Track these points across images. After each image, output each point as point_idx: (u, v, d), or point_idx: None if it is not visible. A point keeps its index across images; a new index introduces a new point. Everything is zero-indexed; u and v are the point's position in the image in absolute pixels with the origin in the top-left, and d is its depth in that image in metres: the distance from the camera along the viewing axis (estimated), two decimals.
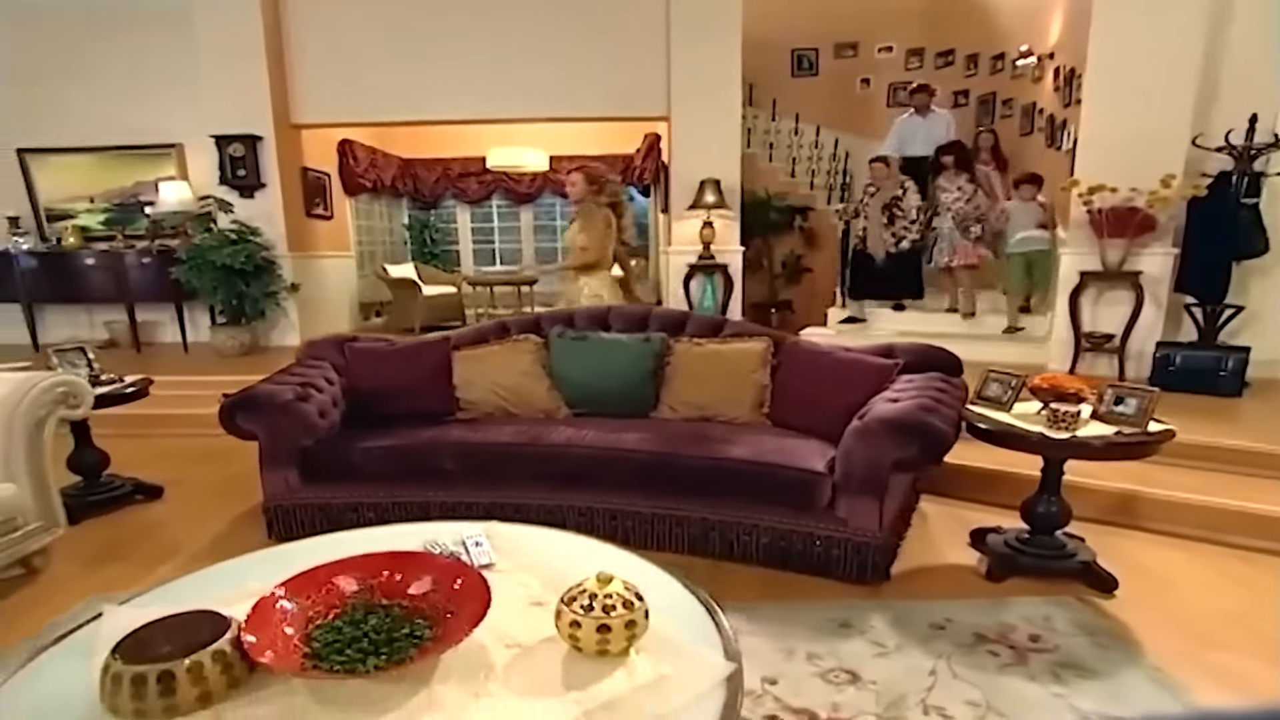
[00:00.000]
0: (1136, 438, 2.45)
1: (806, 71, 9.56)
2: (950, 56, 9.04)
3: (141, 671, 1.21)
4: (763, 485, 2.71)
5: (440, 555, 1.66)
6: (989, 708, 1.90)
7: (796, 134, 9.25)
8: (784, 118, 9.26)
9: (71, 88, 6.44)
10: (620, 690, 1.28)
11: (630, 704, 1.25)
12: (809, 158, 9.10)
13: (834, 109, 9.18)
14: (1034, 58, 7.55)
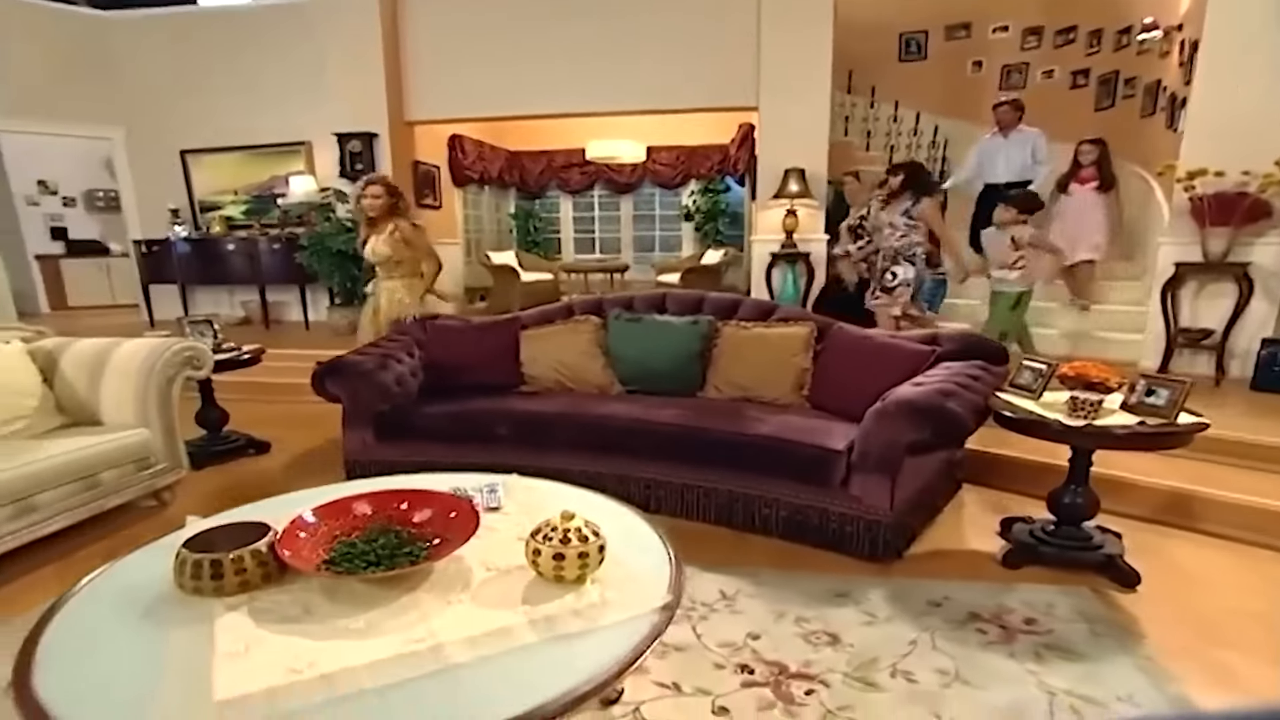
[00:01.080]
0: (1159, 428, 2.40)
1: (914, 55, 9.28)
2: (1071, 34, 8.53)
3: (199, 559, 1.55)
4: (782, 460, 2.84)
5: (451, 494, 1.92)
6: (956, 676, 1.98)
7: (895, 120, 9.04)
8: (883, 104, 9.06)
9: (222, 95, 7.26)
10: (563, 607, 1.50)
11: (566, 618, 1.47)
12: (907, 145, 8.88)
13: (941, 94, 8.88)
14: (1159, 31, 7.04)
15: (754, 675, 1.99)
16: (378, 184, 4.26)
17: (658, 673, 1.99)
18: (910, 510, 2.77)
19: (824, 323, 3.58)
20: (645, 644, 1.40)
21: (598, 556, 1.60)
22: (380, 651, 1.36)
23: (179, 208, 7.46)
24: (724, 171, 9.90)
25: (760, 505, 2.91)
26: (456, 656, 1.34)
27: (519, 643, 1.40)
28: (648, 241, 10.76)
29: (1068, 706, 1.85)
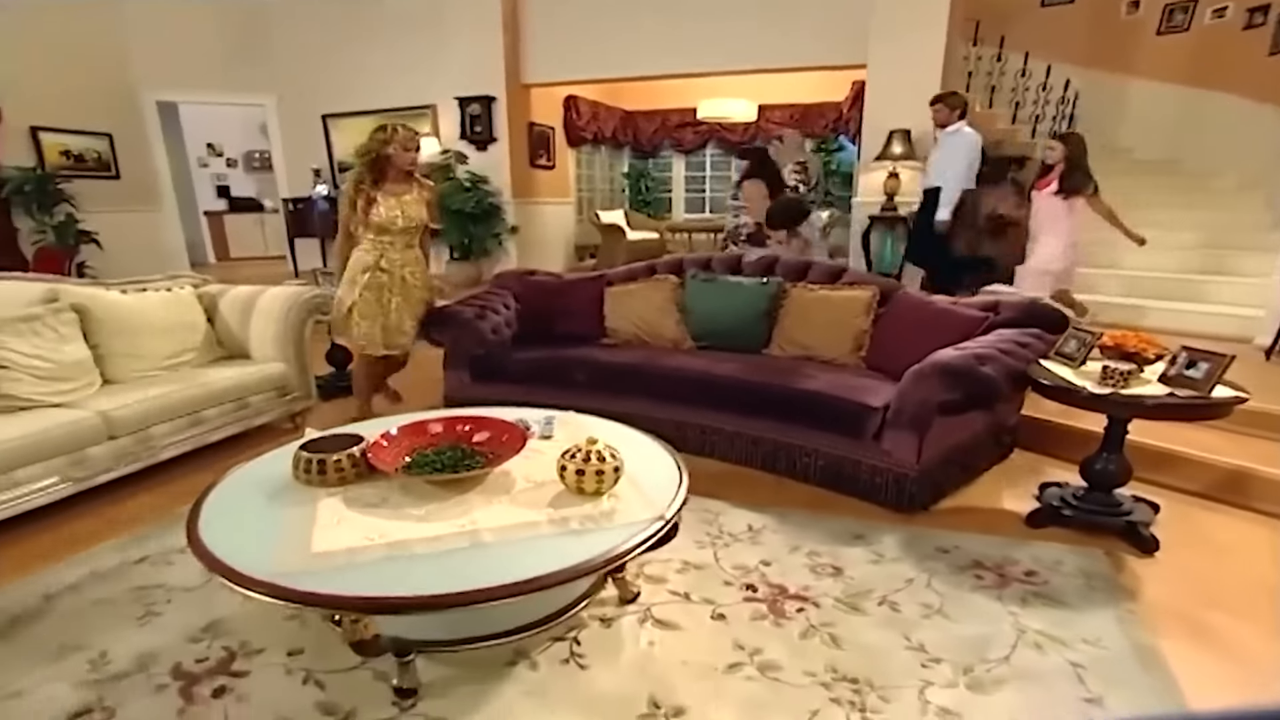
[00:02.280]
0: (1189, 400, 2.47)
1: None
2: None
3: (310, 458, 2.05)
4: (823, 414, 3.09)
5: (505, 421, 2.34)
6: (938, 610, 2.22)
7: (1024, 75, 8.58)
8: (1013, 56, 8.60)
9: (359, 63, 7.96)
10: (579, 512, 1.89)
11: (579, 519, 1.86)
12: (1034, 101, 8.43)
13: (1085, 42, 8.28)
14: None
15: (756, 593, 2.31)
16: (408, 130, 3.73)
17: (674, 584, 2.35)
18: (940, 467, 2.96)
19: (889, 287, 3.75)
20: (632, 546, 1.76)
21: (613, 476, 1.97)
22: (433, 531, 1.80)
23: (320, 168, 8.32)
24: (837, 130, 9.79)
25: (801, 454, 3.18)
26: (488, 538, 1.77)
27: (538, 534, 1.81)
28: None
29: (1032, 643, 2.06)
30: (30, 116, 6.97)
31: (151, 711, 1.79)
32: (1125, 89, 8.23)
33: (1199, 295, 5.58)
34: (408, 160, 3.67)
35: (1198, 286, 5.63)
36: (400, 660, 1.81)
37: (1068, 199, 4.97)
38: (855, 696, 1.84)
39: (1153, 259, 5.84)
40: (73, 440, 2.84)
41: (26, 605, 2.25)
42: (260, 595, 1.56)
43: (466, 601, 1.54)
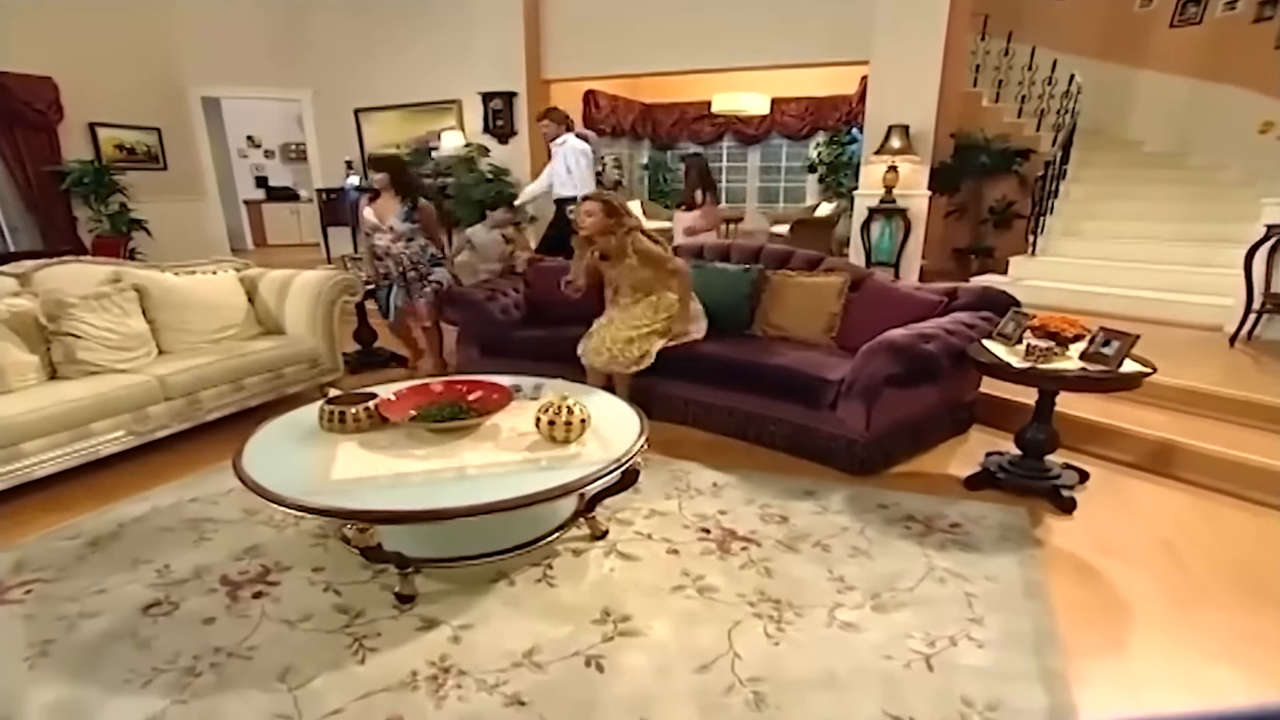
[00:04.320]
0: (1101, 374, 2.79)
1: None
2: None
3: (333, 410, 2.49)
4: (787, 387, 3.45)
5: (495, 383, 2.74)
6: (863, 552, 2.59)
7: (1031, 69, 8.74)
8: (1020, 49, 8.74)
9: (389, 59, 8.41)
10: (549, 455, 2.30)
11: (547, 459, 2.26)
12: (1040, 95, 8.60)
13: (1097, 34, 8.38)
14: None
15: (709, 535, 2.70)
16: (592, 200, 3.79)
17: (639, 526, 2.75)
18: (889, 435, 3.31)
19: (860, 274, 4.08)
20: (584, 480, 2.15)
21: (580, 427, 2.38)
22: (429, 466, 2.23)
23: (352, 160, 8.81)
24: (849, 123, 10.03)
25: (768, 423, 3.56)
26: (472, 473, 2.19)
27: (513, 471, 2.22)
28: (773, 193, 11.13)
29: (937, 578, 2.42)
30: (89, 113, 7.55)
31: (205, 606, 2.25)
32: (1136, 81, 8.34)
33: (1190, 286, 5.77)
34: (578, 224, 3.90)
35: (1188, 277, 5.82)
36: (401, 572, 2.24)
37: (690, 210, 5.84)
38: (775, 612, 2.22)
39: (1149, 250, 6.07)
40: (135, 400, 3.32)
41: (104, 530, 2.74)
42: (290, 510, 1.98)
43: (447, 515, 1.96)
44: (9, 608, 2.27)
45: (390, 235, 4.46)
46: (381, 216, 4.48)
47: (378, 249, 4.52)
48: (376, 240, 4.50)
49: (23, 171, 7.20)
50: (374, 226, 4.50)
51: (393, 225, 4.46)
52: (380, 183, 4.44)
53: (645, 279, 3.80)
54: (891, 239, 6.94)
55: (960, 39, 6.76)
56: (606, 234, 3.72)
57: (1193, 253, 6.00)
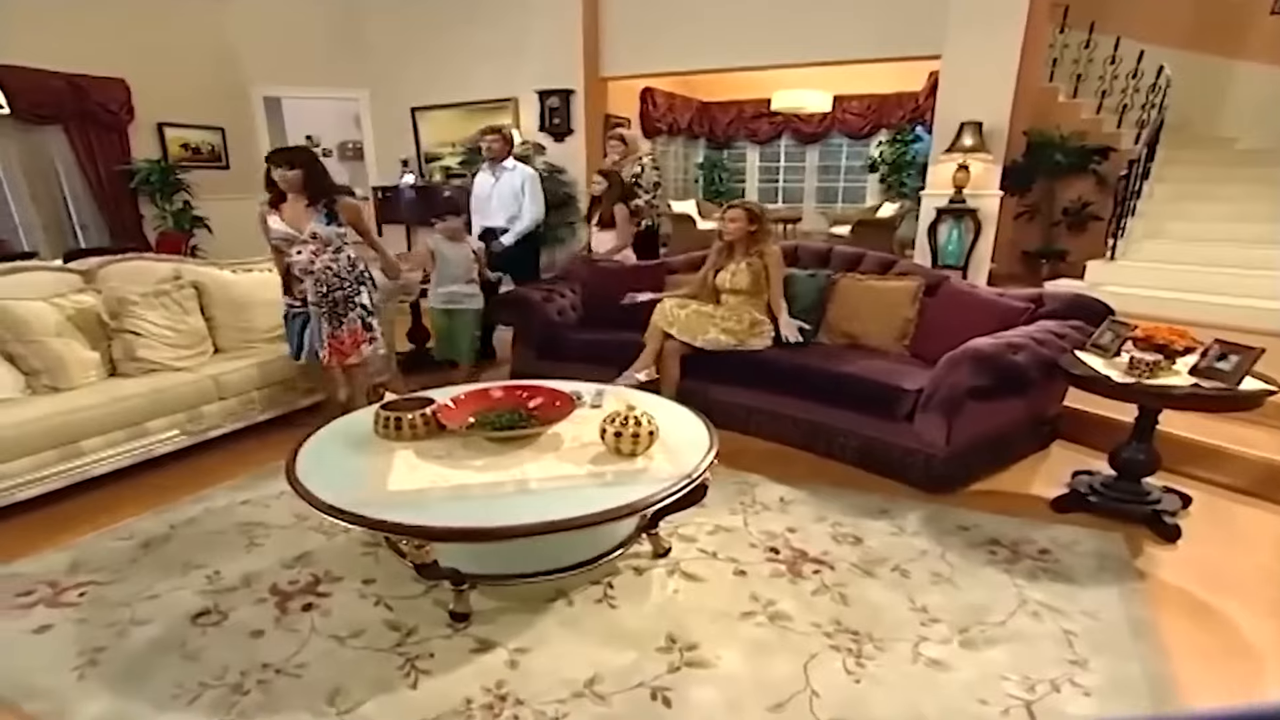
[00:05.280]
0: (1216, 391, 2.53)
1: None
2: None
3: (389, 416, 2.39)
4: (858, 396, 3.27)
5: (557, 390, 2.62)
6: (946, 579, 2.39)
7: (1114, 61, 8.28)
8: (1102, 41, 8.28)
9: (446, 58, 8.38)
10: (614, 469, 2.16)
11: (613, 475, 2.13)
12: (1122, 90, 8.15)
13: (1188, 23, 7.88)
14: None
15: (778, 555, 2.53)
16: (737, 208, 3.88)
17: (704, 543, 2.60)
18: (970, 451, 3.09)
19: (936, 278, 3.86)
20: (656, 499, 2.01)
21: (648, 439, 2.23)
22: (488, 479, 2.12)
23: (408, 158, 8.81)
24: (914, 121, 9.71)
25: (837, 435, 3.37)
26: (534, 486, 2.07)
27: (577, 484, 2.09)
28: (831, 193, 10.84)
29: (1030, 611, 2.21)
30: (158, 114, 7.70)
31: (255, 617, 2.17)
32: (1230, 73, 7.86)
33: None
34: (721, 230, 3.93)
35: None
36: (456, 589, 2.13)
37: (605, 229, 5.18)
38: (853, 645, 2.05)
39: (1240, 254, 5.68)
40: (191, 399, 3.31)
41: (157, 532, 2.70)
42: (345, 523, 1.88)
43: (512, 534, 1.83)
44: (64, 611, 2.22)
45: (312, 247, 3.42)
46: (296, 224, 3.41)
47: (296, 268, 3.46)
48: (294, 257, 3.43)
49: (95, 171, 7.38)
50: (287, 238, 3.41)
51: (316, 232, 3.41)
52: (291, 182, 3.36)
53: (751, 288, 3.79)
54: (960, 241, 6.65)
55: (1039, 31, 6.42)
56: (748, 239, 3.81)
57: None
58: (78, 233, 7.39)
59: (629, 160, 5.61)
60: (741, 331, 3.70)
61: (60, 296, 3.30)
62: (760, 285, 3.81)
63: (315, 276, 3.42)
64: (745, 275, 3.79)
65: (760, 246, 3.81)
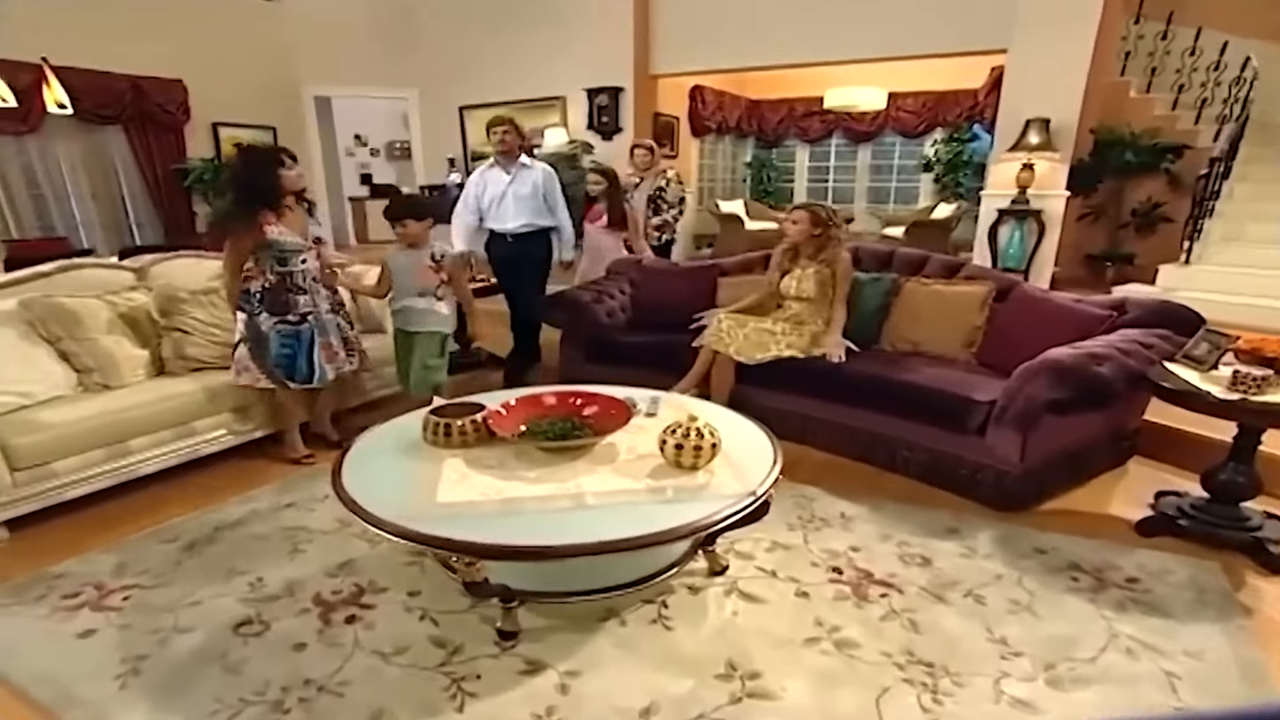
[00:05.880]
0: None
1: None
2: None
3: (438, 422, 2.30)
4: (926, 407, 3.09)
5: (613, 397, 2.50)
6: (1025, 607, 2.21)
7: (1193, 53, 7.84)
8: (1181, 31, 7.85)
9: (495, 56, 8.36)
10: (674, 484, 2.04)
11: (674, 490, 2.00)
12: (1202, 83, 7.72)
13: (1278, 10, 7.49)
14: None
15: (841, 576, 2.38)
16: (800, 209, 3.70)
17: (762, 561, 2.46)
18: (1045, 467, 2.89)
19: (1007, 283, 3.65)
20: (720, 518, 1.88)
21: (710, 452, 2.10)
22: (542, 491, 2.01)
23: (455, 157, 8.82)
24: (972, 119, 9.38)
25: (900, 447, 3.19)
26: (591, 501, 1.95)
27: (635, 500, 1.97)
28: (883, 193, 10.56)
29: (1123, 648, 2.03)
30: (212, 114, 7.83)
31: (297, 628, 2.10)
32: None
33: None
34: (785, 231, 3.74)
35: None
36: (505, 606, 2.03)
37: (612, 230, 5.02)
38: (928, 679, 1.89)
39: None
40: (237, 398, 3.27)
41: (201, 534, 2.66)
42: (392, 536, 1.79)
43: (568, 553, 1.73)
44: (108, 615, 2.18)
45: (315, 251, 3.24)
46: (300, 232, 3.18)
47: (298, 279, 3.16)
48: (297, 267, 3.15)
49: (152, 170, 7.52)
50: (296, 248, 3.14)
51: (319, 235, 3.29)
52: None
53: (818, 296, 3.62)
54: (1022, 244, 6.37)
55: (1113, 22, 6.10)
56: (814, 243, 3.64)
57: None
58: (134, 231, 7.55)
59: (652, 172, 5.49)
60: (804, 347, 3.54)
61: (113, 294, 3.30)
62: (828, 294, 3.64)
63: (315, 290, 3.23)
64: (812, 282, 3.63)
65: (830, 253, 3.63)
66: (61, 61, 6.07)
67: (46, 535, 2.67)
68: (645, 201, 5.45)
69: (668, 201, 5.47)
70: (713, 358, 3.59)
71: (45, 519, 2.73)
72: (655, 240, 5.50)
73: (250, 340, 3.13)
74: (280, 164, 3.09)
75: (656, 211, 5.47)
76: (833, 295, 3.63)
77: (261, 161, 3.11)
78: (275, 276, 3.11)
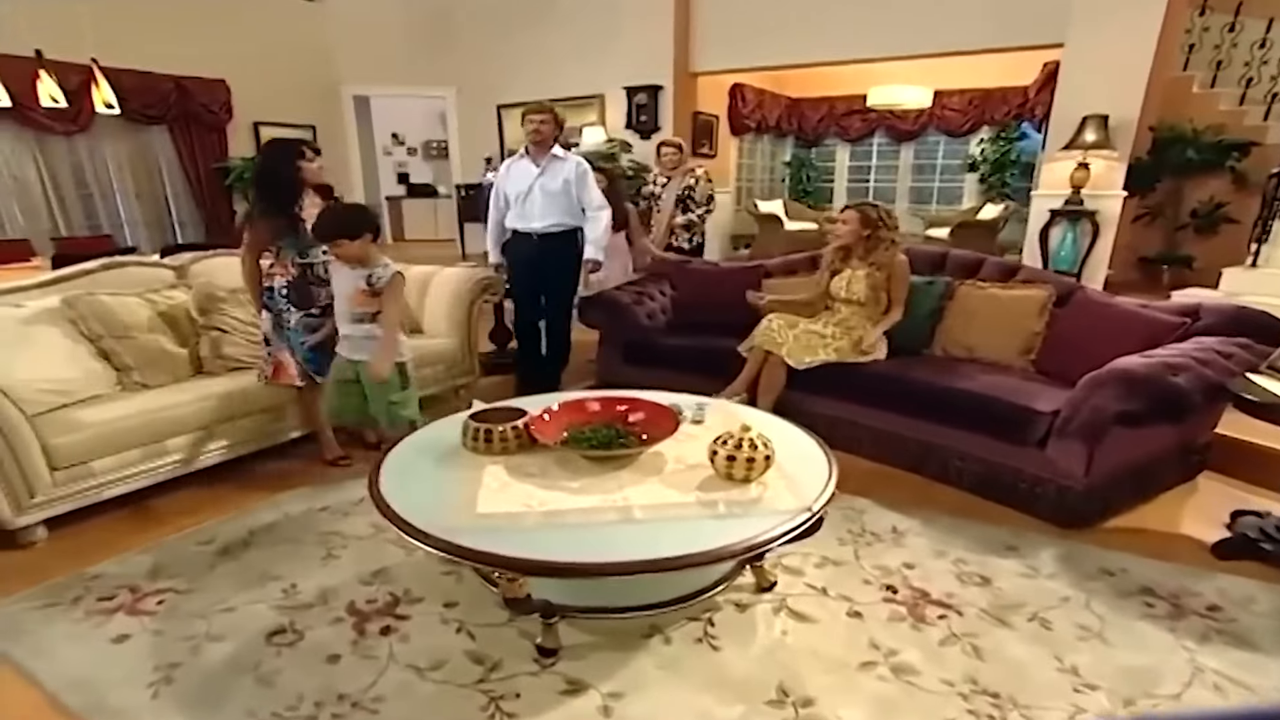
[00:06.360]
0: None
1: None
2: None
3: (478, 428, 2.22)
4: (982, 416, 2.94)
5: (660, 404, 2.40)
6: (1096, 634, 2.07)
7: (1263, 45, 7.46)
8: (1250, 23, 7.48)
9: (533, 55, 8.31)
10: (726, 497, 1.94)
11: (726, 504, 1.90)
12: (1273, 77, 7.34)
13: None
14: None
15: (896, 595, 2.25)
16: (851, 209, 3.58)
17: (811, 577, 2.34)
18: (1111, 482, 2.73)
19: (1067, 287, 3.48)
20: (776, 535, 1.77)
21: (763, 464, 1.99)
22: (586, 503, 1.92)
23: (492, 156, 8.79)
24: (1021, 117, 9.10)
25: (953, 457, 3.05)
26: (638, 515, 1.86)
27: (685, 514, 1.87)
28: (925, 193, 10.31)
29: (1210, 683, 1.88)
30: (254, 113, 7.91)
31: (331, 639, 2.04)
32: None
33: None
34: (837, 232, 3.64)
35: None
36: (545, 621, 1.94)
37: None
38: (995, 711, 1.77)
39: None
40: (273, 398, 3.23)
41: (235, 537, 2.63)
42: (433, 549, 1.71)
43: (618, 571, 1.65)
44: (142, 620, 2.14)
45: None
46: None
47: (319, 269, 3.10)
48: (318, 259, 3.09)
49: (195, 169, 7.62)
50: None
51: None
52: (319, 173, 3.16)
53: (869, 299, 3.51)
54: (1075, 246, 6.14)
55: (1177, 14, 5.84)
56: (866, 244, 3.53)
57: None
58: (176, 229, 7.64)
59: (680, 171, 5.31)
60: (849, 351, 3.43)
61: (154, 292, 3.29)
62: (880, 297, 3.51)
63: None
64: (863, 285, 3.50)
65: (884, 255, 3.49)
66: (110, 63, 6.15)
67: (84, 535, 2.66)
68: (673, 201, 5.28)
69: (696, 201, 5.30)
70: (764, 359, 3.48)
71: (83, 518, 2.71)
72: (684, 241, 5.32)
73: (278, 336, 3.08)
74: (301, 155, 3.04)
75: (684, 211, 5.29)
76: (888, 299, 3.51)
77: (282, 153, 3.07)
78: (296, 269, 3.04)
